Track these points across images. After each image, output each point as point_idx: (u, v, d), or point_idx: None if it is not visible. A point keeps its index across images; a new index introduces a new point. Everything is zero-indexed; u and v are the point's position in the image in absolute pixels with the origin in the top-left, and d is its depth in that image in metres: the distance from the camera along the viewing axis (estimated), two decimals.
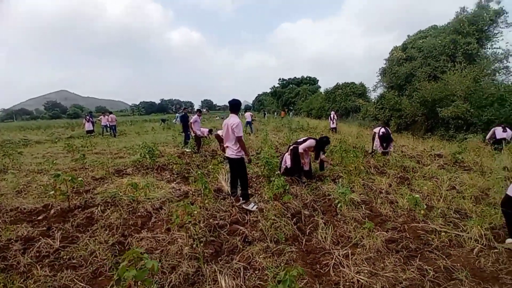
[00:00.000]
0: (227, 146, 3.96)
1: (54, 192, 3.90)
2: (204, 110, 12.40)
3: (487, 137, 8.34)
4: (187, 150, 9.20)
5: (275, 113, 43.77)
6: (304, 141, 5.11)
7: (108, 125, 15.80)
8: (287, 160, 5.20)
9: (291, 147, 5.20)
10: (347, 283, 2.24)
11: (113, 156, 8.65)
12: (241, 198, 4.09)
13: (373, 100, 23.65)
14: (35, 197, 4.56)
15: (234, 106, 3.96)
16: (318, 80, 56.71)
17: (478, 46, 14.01)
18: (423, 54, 15.27)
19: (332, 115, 13.83)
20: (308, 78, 56.03)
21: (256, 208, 3.85)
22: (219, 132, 7.91)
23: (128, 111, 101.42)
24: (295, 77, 57.00)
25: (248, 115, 16.17)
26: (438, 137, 10.65)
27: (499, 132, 7.87)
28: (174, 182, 5.32)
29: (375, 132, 7.57)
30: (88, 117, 14.73)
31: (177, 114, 26.80)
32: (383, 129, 7.30)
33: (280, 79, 58.43)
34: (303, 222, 3.46)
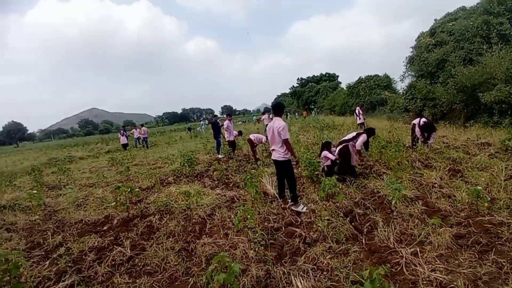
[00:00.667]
0: (273, 149, 4.03)
1: (115, 203, 4.20)
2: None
3: None
4: (220, 156, 9.44)
5: (296, 114, 43.45)
6: (355, 137, 5.03)
7: (141, 138, 16.61)
8: (327, 159, 5.18)
9: (340, 146, 5.16)
10: (425, 282, 2.19)
11: (152, 166, 9.10)
12: (289, 200, 4.13)
13: (400, 91, 22.71)
14: (95, 209, 4.92)
15: (278, 108, 4.03)
16: (337, 76, 55.54)
17: (510, 26, 13.04)
18: (455, 37, 14.38)
19: (357, 111, 13.47)
20: (327, 75, 55.05)
21: (306, 209, 3.88)
22: (251, 137, 8.03)
23: (153, 122, 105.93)
24: (314, 75, 56.28)
25: (266, 118, 16.25)
26: (481, 124, 9.95)
27: None
28: (218, 189, 5.50)
29: (414, 124, 7.28)
30: (122, 132, 15.61)
31: (201, 122, 27.51)
32: (423, 119, 7.03)
33: (298, 78, 57.98)
34: (359, 221, 3.43)
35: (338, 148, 5.23)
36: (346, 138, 5.29)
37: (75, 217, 4.58)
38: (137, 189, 4.37)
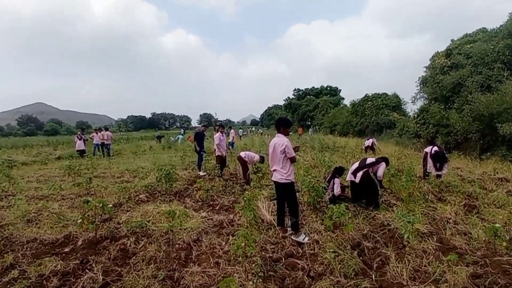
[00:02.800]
0: (274, 170, 4.28)
1: (81, 221, 4.24)
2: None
3: None
4: (202, 174, 9.57)
5: (259, 129, 44.30)
6: (374, 164, 5.40)
7: (101, 144, 16.38)
8: (335, 186, 5.49)
9: (361, 173, 5.48)
10: None
11: (117, 179, 9.09)
12: (289, 229, 4.35)
13: (411, 114, 23.98)
14: (51, 226, 4.91)
15: (281, 124, 4.32)
16: (340, 90, 57.77)
17: None
18: (473, 61, 15.67)
19: (371, 142, 14.11)
20: (328, 88, 57.15)
21: (308, 240, 4.11)
22: (242, 154, 8.28)
23: (114, 126, 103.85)
24: (313, 87, 58.23)
25: (232, 133, 16.70)
26: (498, 157, 10.76)
27: None
28: (203, 211, 5.65)
29: (426, 152, 7.81)
30: (80, 135, 15.40)
31: (179, 135, 27.53)
32: (435, 148, 7.56)
33: (295, 89, 59.77)
34: (368, 255, 3.69)
35: (359, 175, 5.51)
36: (366, 163, 5.63)
37: (27, 235, 4.55)
38: (109, 205, 4.44)
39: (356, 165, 5.67)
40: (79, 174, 9.19)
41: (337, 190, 5.57)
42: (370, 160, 5.68)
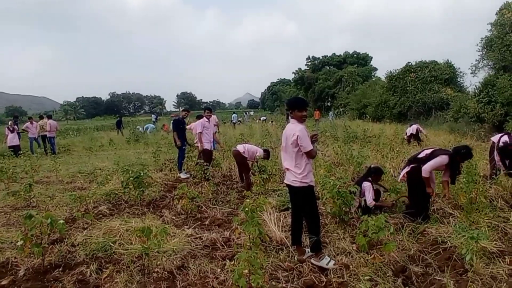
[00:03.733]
0: (287, 169, 4.31)
1: (23, 243, 4.28)
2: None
3: None
4: (183, 176, 9.64)
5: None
6: (429, 156, 5.41)
7: (41, 137, 16.38)
8: (367, 193, 5.55)
9: (408, 168, 5.56)
10: None
11: (66, 186, 9.16)
12: (308, 250, 4.40)
13: (470, 90, 23.95)
14: None
15: (294, 106, 4.32)
16: (371, 58, 57.63)
17: None
18: None
19: (415, 128, 14.24)
20: (355, 56, 57.05)
21: (334, 264, 4.15)
22: (240, 148, 8.31)
23: (58, 113, 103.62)
24: (333, 54, 58.08)
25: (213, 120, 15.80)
26: None
27: None
28: (187, 227, 5.71)
29: (493, 142, 7.82)
30: (12, 126, 15.39)
31: (151, 118, 27.49)
32: (505, 137, 7.54)
33: (309, 57, 59.67)
34: (416, 284, 3.75)
35: (405, 171, 5.63)
36: (419, 155, 5.68)
37: None
38: (61, 221, 4.48)
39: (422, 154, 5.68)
40: (15, 179, 9.23)
41: (369, 199, 5.62)
42: (427, 151, 5.67)
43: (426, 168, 5.31)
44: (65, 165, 12.13)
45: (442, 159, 5.39)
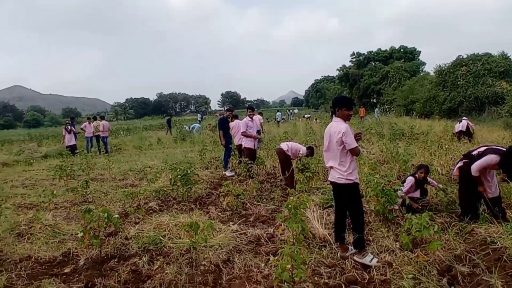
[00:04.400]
0: (330, 167, 4.37)
1: (82, 235, 4.63)
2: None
3: None
4: (228, 174, 9.87)
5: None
6: (480, 154, 5.27)
7: (95, 136, 17.24)
8: (407, 183, 5.54)
9: (461, 163, 5.49)
10: None
11: (119, 183, 9.66)
12: (351, 247, 4.44)
13: None
14: (46, 241, 5.41)
15: (339, 104, 4.37)
16: (419, 52, 55.83)
17: None
18: None
19: (465, 123, 13.75)
20: (402, 50, 55.47)
21: (377, 262, 4.17)
22: (283, 146, 8.40)
23: (109, 113, 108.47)
24: (379, 50, 56.77)
25: (257, 119, 15.72)
26: None
27: None
28: (232, 223, 5.90)
29: None
30: (69, 126, 16.30)
31: (197, 117, 28.21)
32: None
33: (353, 53, 58.72)
34: (462, 284, 3.69)
35: (458, 166, 5.54)
36: (473, 152, 5.50)
37: (20, 252, 5.07)
38: (116, 216, 4.80)
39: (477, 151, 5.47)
40: (73, 177, 9.86)
41: (402, 190, 5.64)
42: (481, 148, 5.42)
43: (474, 167, 5.14)
44: (117, 163, 12.76)
45: (491, 158, 5.10)
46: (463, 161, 5.50)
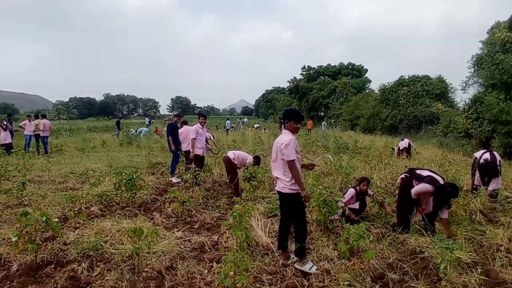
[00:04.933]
0: (276, 177, 4.51)
1: (17, 239, 4.42)
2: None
3: None
4: (175, 181, 9.78)
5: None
6: (423, 178, 5.62)
7: (34, 135, 16.36)
8: (346, 194, 5.86)
9: (402, 175, 5.95)
10: None
11: (59, 186, 9.24)
12: (292, 255, 4.59)
13: (460, 106, 24.37)
14: None
15: (288, 117, 4.51)
16: (366, 70, 58.29)
17: None
18: None
19: (405, 143, 14.69)
20: (350, 67, 57.70)
21: (316, 269, 4.34)
22: (230, 155, 8.51)
23: (50, 112, 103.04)
24: (329, 65, 58.67)
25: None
26: None
27: None
28: (177, 230, 5.87)
29: (476, 158, 8.12)
30: (5, 124, 15.39)
31: (145, 121, 27.61)
32: (487, 154, 7.81)
33: (304, 67, 60.21)
34: None
35: (401, 176, 5.99)
36: (418, 170, 5.93)
37: None
38: (55, 220, 4.63)
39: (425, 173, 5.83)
40: (7, 178, 9.31)
41: (343, 200, 6.00)
42: (426, 172, 5.83)
43: (413, 191, 5.58)
44: (57, 165, 12.17)
45: (426, 187, 5.52)
46: (405, 174, 5.97)
